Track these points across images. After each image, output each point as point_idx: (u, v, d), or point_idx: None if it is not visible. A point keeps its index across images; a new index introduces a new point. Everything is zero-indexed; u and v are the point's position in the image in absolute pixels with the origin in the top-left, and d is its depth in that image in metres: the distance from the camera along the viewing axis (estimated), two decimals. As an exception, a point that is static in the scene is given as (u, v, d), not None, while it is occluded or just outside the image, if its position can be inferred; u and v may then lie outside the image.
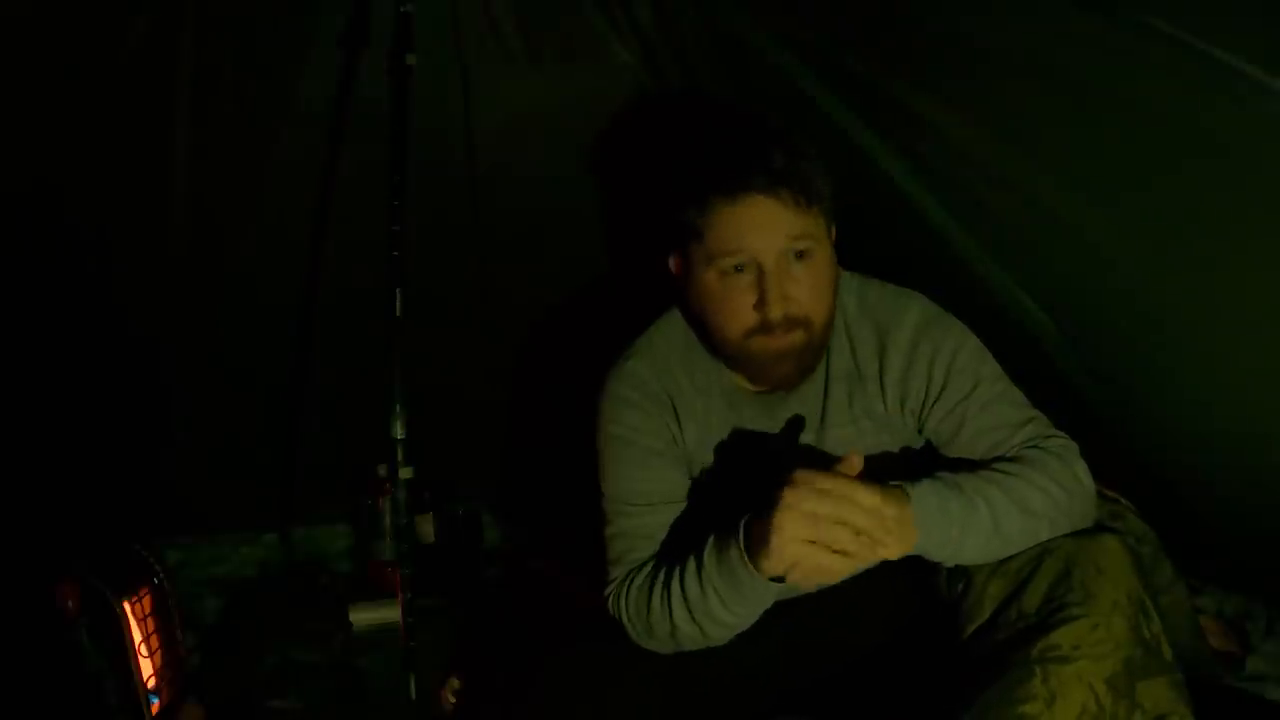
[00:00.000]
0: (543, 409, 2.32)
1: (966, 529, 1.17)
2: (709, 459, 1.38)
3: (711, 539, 1.22)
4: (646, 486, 1.35)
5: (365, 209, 1.65)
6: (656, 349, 1.41)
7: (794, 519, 1.07)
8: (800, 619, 1.27)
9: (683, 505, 1.36)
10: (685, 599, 1.23)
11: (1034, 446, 1.27)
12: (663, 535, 1.34)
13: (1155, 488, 1.46)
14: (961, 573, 1.25)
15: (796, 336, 1.26)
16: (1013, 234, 1.53)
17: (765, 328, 1.25)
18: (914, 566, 1.22)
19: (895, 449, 1.36)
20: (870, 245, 1.47)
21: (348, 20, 1.67)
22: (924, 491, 1.15)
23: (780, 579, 1.13)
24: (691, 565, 1.23)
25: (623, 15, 1.74)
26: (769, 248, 1.22)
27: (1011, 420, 1.29)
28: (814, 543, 1.07)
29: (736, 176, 1.22)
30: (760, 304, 1.23)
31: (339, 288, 2.04)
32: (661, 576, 1.27)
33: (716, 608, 1.21)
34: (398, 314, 1.50)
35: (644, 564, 1.32)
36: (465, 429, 2.26)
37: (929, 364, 1.32)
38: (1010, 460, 1.26)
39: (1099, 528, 1.25)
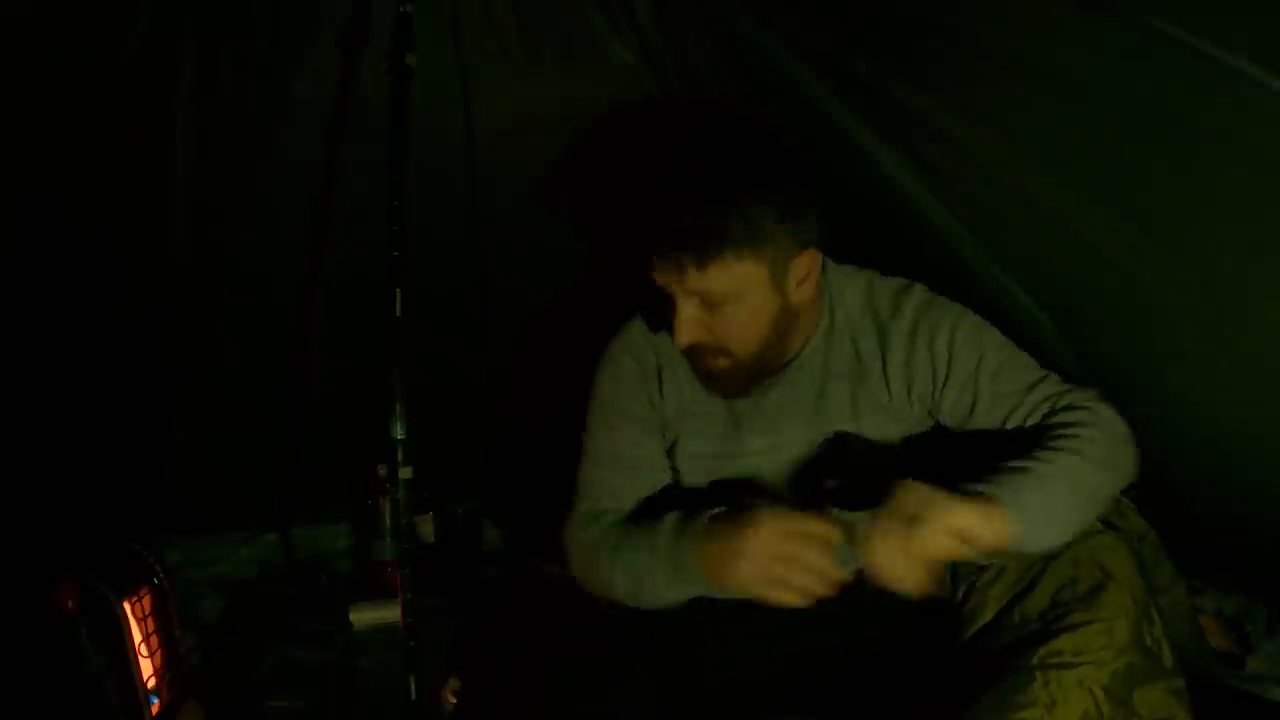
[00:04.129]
0: (542, 409, 2.32)
1: (1053, 507, 1.13)
2: (683, 433, 1.43)
3: (671, 526, 1.27)
4: (618, 449, 1.42)
5: (365, 209, 1.65)
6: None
7: (753, 565, 1.14)
8: (800, 620, 1.26)
9: (648, 475, 1.42)
10: (634, 571, 1.29)
11: (1065, 408, 1.25)
12: (622, 495, 1.41)
13: (1155, 488, 1.46)
14: (963, 576, 1.25)
15: (719, 361, 1.30)
16: (1013, 234, 1.52)
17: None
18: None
19: (900, 437, 1.38)
20: (871, 245, 1.47)
21: (348, 20, 1.67)
22: (1005, 489, 1.11)
23: None
24: (645, 544, 1.28)
25: (623, 15, 1.74)
26: (674, 292, 1.26)
27: (1024, 383, 1.30)
28: (770, 579, 1.14)
29: (640, 232, 1.26)
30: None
31: (339, 288, 2.03)
32: (613, 540, 1.34)
33: (661, 589, 1.28)
34: (398, 314, 1.50)
35: (600, 516, 1.39)
36: (465, 429, 2.26)
37: (930, 346, 1.33)
38: (1052, 427, 1.23)
39: (1105, 525, 1.24)
